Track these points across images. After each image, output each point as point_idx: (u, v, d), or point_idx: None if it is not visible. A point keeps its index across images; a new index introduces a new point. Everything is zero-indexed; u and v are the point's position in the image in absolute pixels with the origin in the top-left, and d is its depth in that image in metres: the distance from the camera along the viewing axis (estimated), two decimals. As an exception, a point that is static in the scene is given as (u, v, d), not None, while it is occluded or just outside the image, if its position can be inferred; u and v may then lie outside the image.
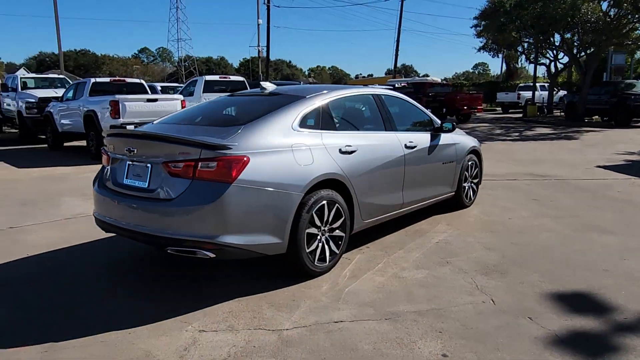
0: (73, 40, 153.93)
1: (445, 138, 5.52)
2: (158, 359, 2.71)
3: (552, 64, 26.82)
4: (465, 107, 21.58)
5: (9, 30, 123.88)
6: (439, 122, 5.49)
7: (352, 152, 4.13)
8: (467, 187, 6.09)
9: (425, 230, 5.18)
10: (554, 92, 27.65)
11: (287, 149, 3.63)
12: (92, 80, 11.75)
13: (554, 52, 25.84)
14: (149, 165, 3.52)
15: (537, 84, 29.31)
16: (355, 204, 4.17)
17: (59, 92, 13.91)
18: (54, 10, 20.32)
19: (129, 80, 12.51)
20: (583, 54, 23.12)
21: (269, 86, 4.58)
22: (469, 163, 6.04)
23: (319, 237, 3.85)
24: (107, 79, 12.17)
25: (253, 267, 4.06)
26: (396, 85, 21.82)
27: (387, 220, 4.81)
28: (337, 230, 4.01)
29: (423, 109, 5.54)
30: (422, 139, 5.13)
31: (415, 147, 4.93)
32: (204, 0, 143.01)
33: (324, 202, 3.82)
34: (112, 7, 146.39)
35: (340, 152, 4.03)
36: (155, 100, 10.93)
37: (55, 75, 17.52)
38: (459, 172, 5.82)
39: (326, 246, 3.92)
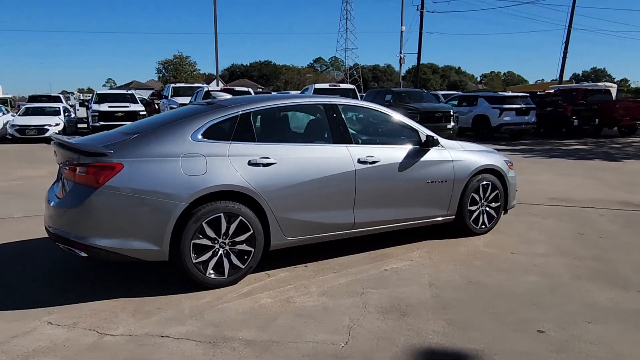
0: (259, 52, 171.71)
1: (434, 154, 4.87)
2: (-16, 341, 3.03)
3: None
4: (626, 118, 18.16)
5: (209, 46, 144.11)
6: (427, 135, 4.85)
7: (268, 164, 3.95)
8: (477, 212, 5.24)
9: (391, 255, 4.64)
10: None
11: (174, 159, 3.66)
12: (206, 88, 13.13)
13: None
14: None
15: None
16: (271, 219, 3.98)
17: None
18: (214, 29, 23.13)
19: (237, 88, 13.65)
20: None
21: (218, 95, 4.64)
22: (481, 184, 5.20)
23: (214, 249, 3.79)
24: (219, 88, 13.47)
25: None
26: (538, 93, 19.48)
27: (334, 239, 4.46)
28: (243, 245, 3.89)
29: (408, 122, 4.97)
30: (391, 153, 4.61)
31: (376, 162, 4.46)
32: (371, 11, 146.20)
33: (220, 214, 3.75)
34: (292, 21, 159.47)
35: (250, 163, 3.89)
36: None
37: (200, 85, 19.93)
38: (460, 193, 5.05)
39: (225, 259, 3.83)
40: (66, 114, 19.72)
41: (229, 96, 4.77)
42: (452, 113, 16.22)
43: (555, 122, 18.45)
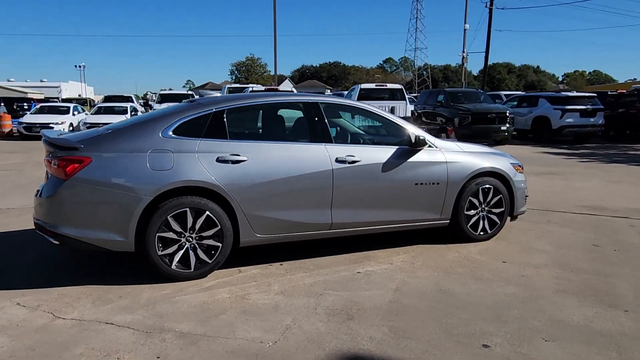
0: (329, 53, 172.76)
1: (425, 155, 4.66)
2: (-45, 316, 3.32)
3: None
4: None
5: (281, 48, 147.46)
6: (416, 136, 4.64)
7: (237, 161, 3.99)
8: (476, 217, 4.96)
9: (372, 258, 4.51)
10: None
11: (141, 154, 3.79)
12: (251, 87, 13.48)
13: None
14: (51, 161, 4.18)
15: None
16: (240, 216, 4.02)
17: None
18: (273, 32, 23.60)
19: (281, 88, 13.88)
20: None
21: (206, 94, 4.74)
22: (481, 188, 4.90)
23: (180, 243, 3.89)
24: (262, 88, 13.78)
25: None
26: (609, 93, 17.99)
27: (312, 239, 4.42)
28: (210, 240, 3.96)
29: (398, 122, 4.77)
30: (375, 153, 4.48)
31: (357, 161, 4.35)
32: (442, 9, 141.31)
33: (186, 208, 3.84)
34: (362, 21, 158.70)
35: (218, 160, 3.95)
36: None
37: (247, 85, 20.45)
38: (455, 197, 4.80)
39: (192, 253, 3.92)
40: (133, 113, 21.06)
41: (217, 94, 4.84)
42: (507, 114, 15.46)
43: (627, 125, 16.97)
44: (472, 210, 4.94)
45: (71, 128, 19.27)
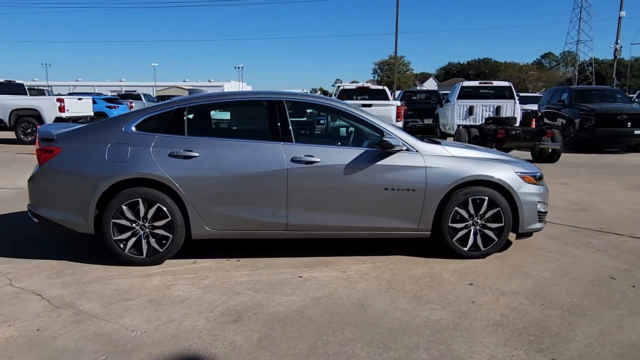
0: (479, 49, 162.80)
1: (400, 158, 4.27)
2: (-52, 273, 4.06)
3: None
4: None
5: (424, 45, 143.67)
6: (389, 137, 4.27)
7: (189, 157, 4.15)
8: (464, 231, 4.39)
9: (329, 264, 4.30)
10: None
11: (102, 146, 4.16)
12: (342, 86, 13.52)
13: None
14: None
15: None
16: (190, 209, 4.17)
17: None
18: (395, 27, 23.28)
19: (372, 87, 13.66)
20: None
21: (193, 92, 4.97)
22: (471, 198, 4.33)
23: (134, 230, 4.19)
24: (354, 86, 13.72)
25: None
26: None
27: (269, 238, 4.39)
28: (161, 230, 4.19)
29: (375, 123, 4.41)
30: (338, 154, 4.25)
31: (315, 162, 4.19)
32: None
33: (138, 198, 4.12)
34: (516, 12, 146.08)
35: (170, 155, 4.14)
36: (369, 105, 11.79)
37: (340, 84, 20.39)
38: (436, 206, 4.32)
39: (144, 241, 4.19)
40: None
41: (205, 92, 5.06)
42: (646, 116, 13.12)
43: None
44: (460, 223, 4.39)
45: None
